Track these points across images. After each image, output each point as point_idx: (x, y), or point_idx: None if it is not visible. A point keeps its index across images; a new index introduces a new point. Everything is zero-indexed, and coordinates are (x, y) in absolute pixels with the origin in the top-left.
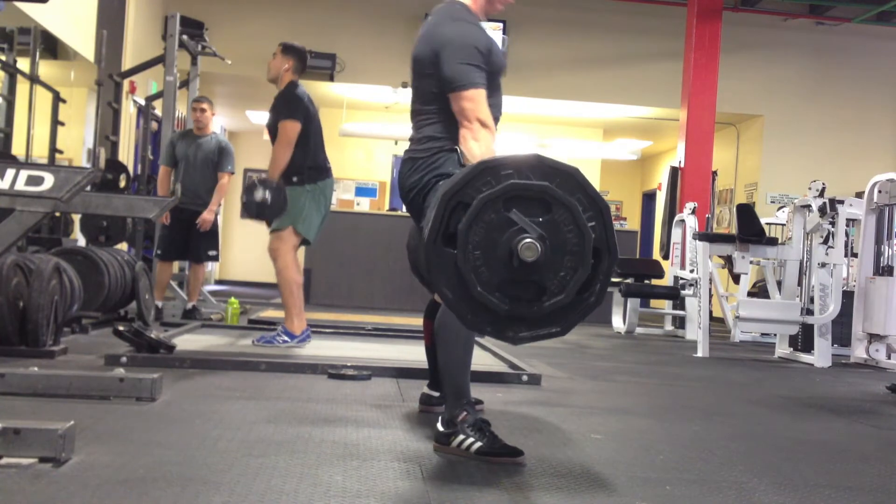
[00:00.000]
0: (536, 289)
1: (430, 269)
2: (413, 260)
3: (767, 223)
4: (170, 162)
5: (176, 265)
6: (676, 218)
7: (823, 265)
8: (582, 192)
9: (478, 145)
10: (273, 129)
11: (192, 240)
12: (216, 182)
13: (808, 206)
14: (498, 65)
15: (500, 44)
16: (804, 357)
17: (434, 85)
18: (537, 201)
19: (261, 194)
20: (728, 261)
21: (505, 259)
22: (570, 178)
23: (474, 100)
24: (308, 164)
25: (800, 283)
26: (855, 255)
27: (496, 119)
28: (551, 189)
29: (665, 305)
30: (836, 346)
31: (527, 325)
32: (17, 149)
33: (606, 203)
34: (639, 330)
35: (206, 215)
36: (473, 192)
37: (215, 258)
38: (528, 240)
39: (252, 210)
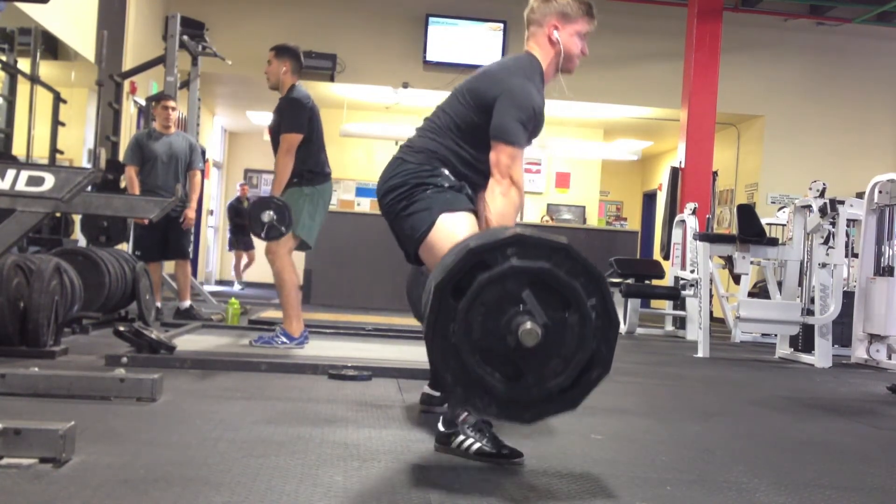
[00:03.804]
0: (515, 371)
1: (429, 310)
2: (411, 290)
3: (768, 223)
4: (137, 161)
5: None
6: (677, 218)
7: (824, 265)
8: (599, 298)
9: (504, 201)
10: (276, 135)
11: (170, 238)
12: (186, 180)
13: (809, 207)
14: (538, 128)
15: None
16: (805, 357)
17: (476, 117)
18: (559, 294)
19: (268, 216)
20: (728, 261)
21: (503, 330)
22: (595, 281)
23: (514, 158)
24: (308, 167)
25: (800, 284)
26: (855, 256)
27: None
28: (578, 293)
29: (665, 306)
30: (836, 346)
31: (497, 402)
32: (18, 149)
33: (618, 320)
34: (639, 330)
35: (190, 213)
36: (501, 257)
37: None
38: (530, 325)
39: (258, 230)
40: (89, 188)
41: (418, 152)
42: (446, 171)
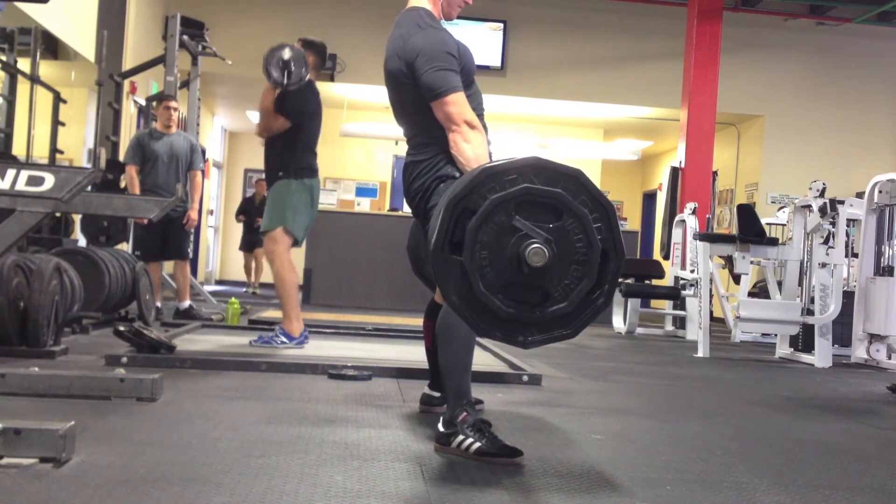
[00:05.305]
0: (540, 294)
1: (437, 277)
2: (414, 260)
3: (768, 223)
4: (138, 161)
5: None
6: (677, 218)
7: (824, 265)
8: (586, 194)
9: (469, 146)
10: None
11: (170, 238)
12: (186, 180)
13: (809, 207)
14: (469, 65)
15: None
16: (805, 357)
17: (415, 95)
18: (548, 207)
19: (288, 53)
20: (728, 261)
21: (512, 263)
22: (573, 180)
23: (457, 103)
24: (296, 162)
25: (800, 284)
26: (855, 256)
27: (480, 113)
28: (563, 196)
29: (665, 306)
30: (836, 346)
31: (537, 329)
32: (18, 149)
33: (611, 203)
34: (639, 330)
35: (193, 215)
36: (479, 198)
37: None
38: (535, 245)
39: (279, 71)
40: (89, 188)
41: (426, 146)
42: None
